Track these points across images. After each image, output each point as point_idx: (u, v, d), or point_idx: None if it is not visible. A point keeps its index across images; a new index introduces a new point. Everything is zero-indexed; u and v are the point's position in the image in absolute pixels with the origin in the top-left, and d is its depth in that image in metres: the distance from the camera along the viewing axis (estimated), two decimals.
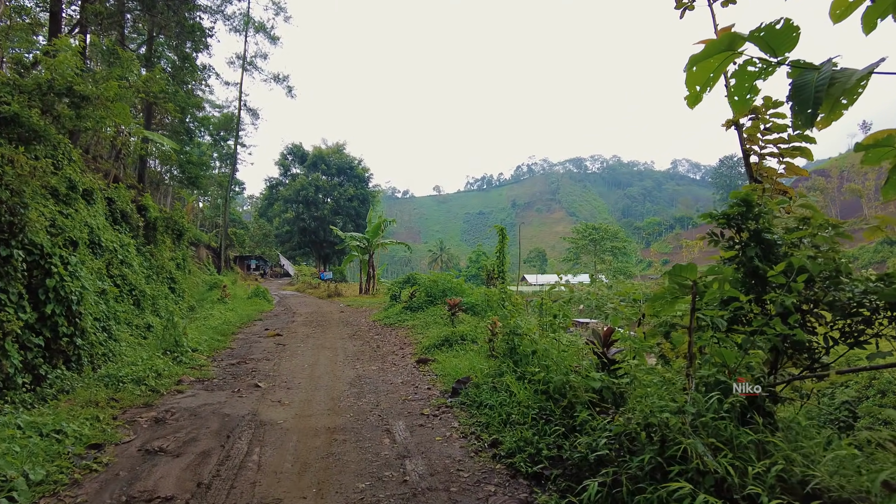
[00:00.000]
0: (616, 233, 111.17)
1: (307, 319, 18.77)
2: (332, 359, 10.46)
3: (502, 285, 11.49)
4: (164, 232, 20.55)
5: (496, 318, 8.63)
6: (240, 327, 16.44)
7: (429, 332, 12.79)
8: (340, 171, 71.23)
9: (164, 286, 18.58)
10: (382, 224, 36.79)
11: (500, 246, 11.62)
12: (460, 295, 16.72)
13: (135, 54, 33.84)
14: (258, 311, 21.64)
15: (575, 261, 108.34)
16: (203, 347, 11.14)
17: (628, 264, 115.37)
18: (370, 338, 13.63)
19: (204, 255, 48.46)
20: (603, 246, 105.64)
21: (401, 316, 16.39)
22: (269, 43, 50.11)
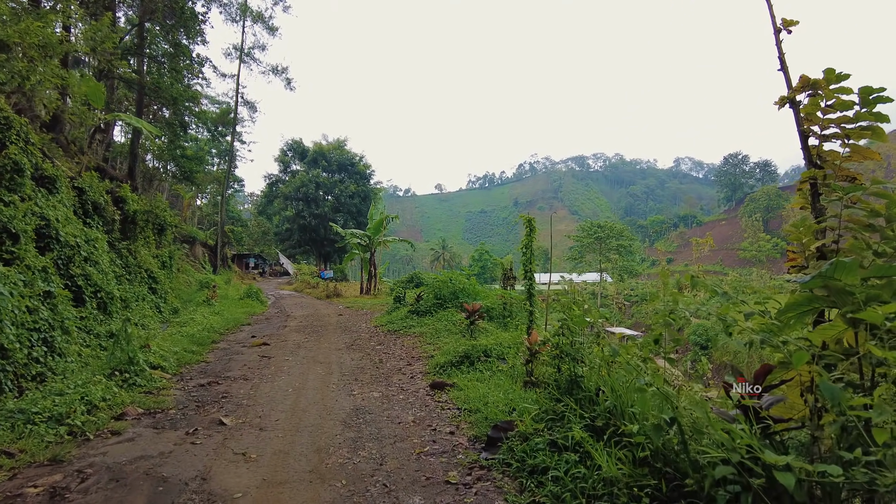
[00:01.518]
0: (621, 231, 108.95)
1: (301, 324, 16.81)
2: (325, 379, 8.48)
3: (529, 286, 9.44)
4: (145, 227, 18.61)
5: (535, 332, 6.66)
6: (223, 334, 14.48)
7: (441, 343, 10.83)
8: (341, 167, 69.39)
9: (143, 287, 16.64)
10: (384, 220, 34.85)
11: (528, 239, 9.64)
12: (474, 297, 14.76)
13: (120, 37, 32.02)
14: (248, 314, 19.69)
15: (579, 259, 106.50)
16: (169, 362, 9.18)
17: (633, 263, 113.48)
18: (371, 348, 11.66)
19: (200, 254, 46.65)
20: (608, 244, 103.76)
21: (406, 321, 14.42)
22: (267, 34, 48.19)
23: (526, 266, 9.88)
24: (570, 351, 5.08)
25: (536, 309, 9.89)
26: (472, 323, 9.75)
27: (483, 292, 15.36)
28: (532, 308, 9.77)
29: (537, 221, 37.72)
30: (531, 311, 9.78)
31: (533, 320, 9.77)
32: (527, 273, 9.95)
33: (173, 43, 31.47)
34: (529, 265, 9.79)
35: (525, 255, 9.85)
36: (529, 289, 9.79)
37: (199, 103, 45.36)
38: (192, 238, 45.53)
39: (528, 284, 9.84)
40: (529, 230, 9.78)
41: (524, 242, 9.84)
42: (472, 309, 9.80)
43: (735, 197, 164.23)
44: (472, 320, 9.88)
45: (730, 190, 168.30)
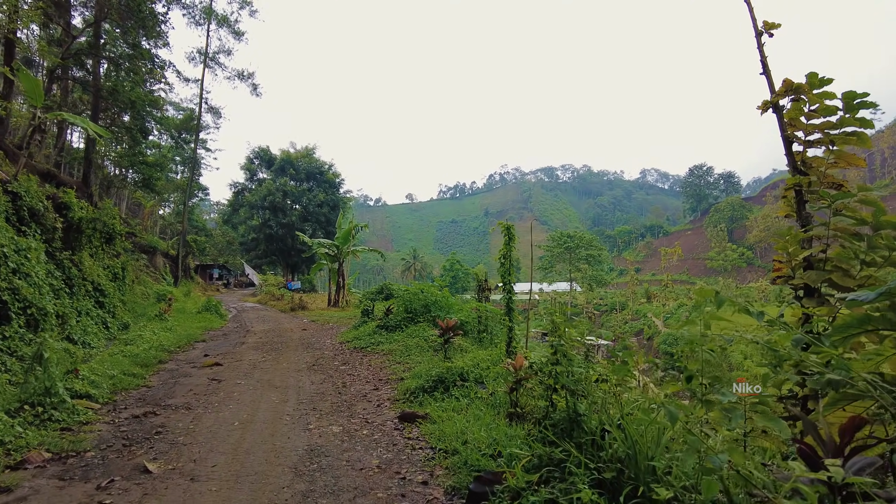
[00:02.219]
0: (591, 241, 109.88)
1: (261, 340, 15.63)
2: (278, 408, 7.44)
3: (508, 299, 8.59)
4: (92, 235, 17.20)
5: (520, 356, 5.78)
6: (173, 352, 13.23)
7: (412, 363, 9.87)
8: (310, 175, 67.97)
9: (87, 301, 15.25)
10: (353, 230, 33.72)
11: (507, 248, 8.79)
12: (447, 310, 13.85)
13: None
14: (205, 329, 18.37)
15: (549, 269, 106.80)
16: (101, 389, 8.01)
17: (602, 272, 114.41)
18: (335, 368, 10.62)
19: (161, 264, 44.66)
20: (578, 254, 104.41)
21: (374, 337, 13.39)
22: (233, 38, 46.80)
23: (504, 277, 9.04)
24: (568, 382, 4.22)
25: (515, 325, 9.04)
26: (446, 342, 8.79)
27: (456, 305, 14.45)
28: (511, 324, 8.92)
29: None
30: (511, 326, 8.93)
31: (513, 337, 8.92)
32: (505, 284, 9.10)
33: (132, 44, 29.95)
34: (508, 276, 8.95)
35: (503, 265, 9.01)
36: (508, 302, 8.94)
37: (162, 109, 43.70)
38: (152, 248, 43.66)
39: (506, 297, 8.99)
40: (509, 238, 8.96)
41: (502, 252, 9.00)
42: (446, 326, 8.84)
43: (700, 207, 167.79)
44: (446, 338, 8.94)
45: (695, 201, 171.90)
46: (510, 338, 8.87)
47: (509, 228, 9.06)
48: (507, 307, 8.94)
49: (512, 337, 8.87)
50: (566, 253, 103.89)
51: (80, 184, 28.72)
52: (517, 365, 5.53)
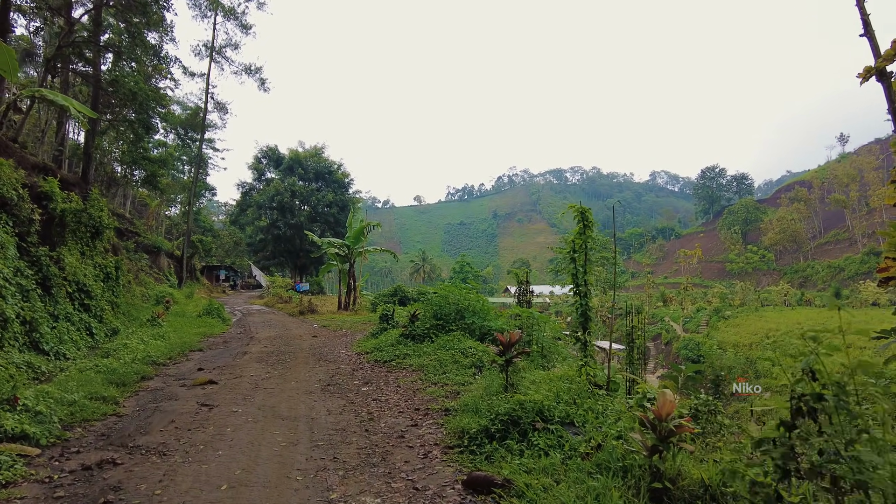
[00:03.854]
0: (605, 243, 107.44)
1: (266, 350, 13.60)
2: (285, 458, 5.38)
3: (584, 308, 6.51)
4: (77, 229, 15.28)
5: (668, 395, 3.67)
6: (163, 365, 11.23)
7: (453, 384, 7.83)
8: (318, 175, 66.24)
9: (67, 303, 13.31)
10: (365, 229, 31.73)
11: (582, 240, 6.73)
12: (484, 317, 11.77)
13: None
14: (203, 336, 16.40)
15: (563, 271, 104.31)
16: (48, 425, 5.96)
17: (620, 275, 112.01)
18: (356, 390, 8.55)
19: (165, 265, 43.03)
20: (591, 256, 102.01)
21: (399, 348, 11.31)
22: (240, 31, 45.10)
23: (577, 277, 6.95)
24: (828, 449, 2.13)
25: (589, 340, 6.94)
26: (508, 362, 6.58)
27: (494, 310, 12.37)
28: (586, 337, 6.84)
29: (517, 233, 34.40)
30: (585, 340, 6.84)
31: (589, 354, 6.83)
32: (578, 288, 7.02)
33: (131, 32, 28.13)
34: (584, 275, 6.87)
35: (576, 261, 6.93)
36: (585, 312, 6.85)
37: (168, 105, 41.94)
38: (156, 248, 42.03)
39: (581, 305, 6.90)
40: (584, 226, 6.88)
41: (576, 243, 6.93)
42: (508, 341, 6.61)
43: (712, 210, 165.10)
44: (508, 358, 6.80)
45: (707, 203, 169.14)
46: (585, 356, 6.79)
47: (584, 213, 6.98)
48: (583, 317, 6.85)
49: (589, 354, 6.79)
50: None
51: (80, 180, 27.00)
52: (664, 411, 3.49)
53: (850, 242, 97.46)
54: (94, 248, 16.06)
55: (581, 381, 6.29)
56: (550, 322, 10.98)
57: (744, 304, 73.86)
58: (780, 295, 75.19)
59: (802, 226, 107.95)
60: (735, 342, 57.71)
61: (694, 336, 62.79)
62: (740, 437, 4.84)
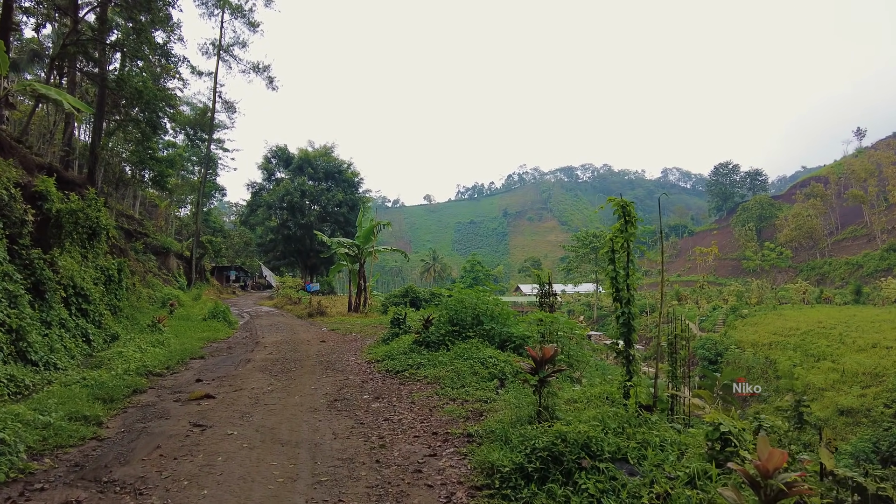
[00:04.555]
0: None
1: (271, 357, 12.81)
2: (282, 498, 4.54)
3: (624, 315, 5.60)
4: (74, 231, 14.58)
5: (767, 442, 2.80)
6: (158, 376, 10.45)
7: (474, 401, 6.96)
8: (328, 175, 65.73)
9: (62, 309, 12.60)
10: (375, 228, 30.94)
11: (623, 238, 5.82)
12: (503, 322, 10.88)
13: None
14: (206, 341, 15.65)
15: (575, 270, 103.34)
16: (10, 457, 5.18)
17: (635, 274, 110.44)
18: (365, 407, 7.70)
19: (174, 266, 42.58)
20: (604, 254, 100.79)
21: (412, 356, 10.44)
22: (248, 30, 44.50)
23: (618, 281, 6.05)
24: None
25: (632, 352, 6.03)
26: (542, 382, 5.57)
27: (513, 314, 11.47)
28: (632, 351, 5.93)
29: (528, 231, 32.83)
30: (630, 354, 5.93)
31: (634, 371, 5.93)
32: (618, 293, 6.11)
33: (137, 30, 27.55)
34: (626, 278, 5.96)
35: (617, 261, 6.03)
36: (628, 320, 5.93)
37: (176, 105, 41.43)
38: (165, 249, 41.58)
39: (623, 314, 5.99)
40: (626, 221, 5.97)
41: (618, 241, 6.02)
42: (541, 358, 5.62)
43: (726, 206, 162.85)
44: (542, 377, 5.55)
45: (720, 200, 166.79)
46: (629, 372, 5.89)
47: (626, 207, 6.06)
48: (626, 327, 5.93)
49: (633, 371, 5.88)
50: (591, 253, 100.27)
51: (86, 180, 26.48)
52: (769, 466, 2.60)
53: (869, 238, 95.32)
54: (92, 250, 15.36)
55: (629, 403, 5.38)
56: (577, 328, 10.07)
57: (761, 302, 72.30)
58: (798, 293, 73.50)
59: (819, 222, 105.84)
60: (753, 341, 56.27)
61: (711, 335, 61.37)
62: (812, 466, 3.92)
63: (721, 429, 3.82)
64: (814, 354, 48.40)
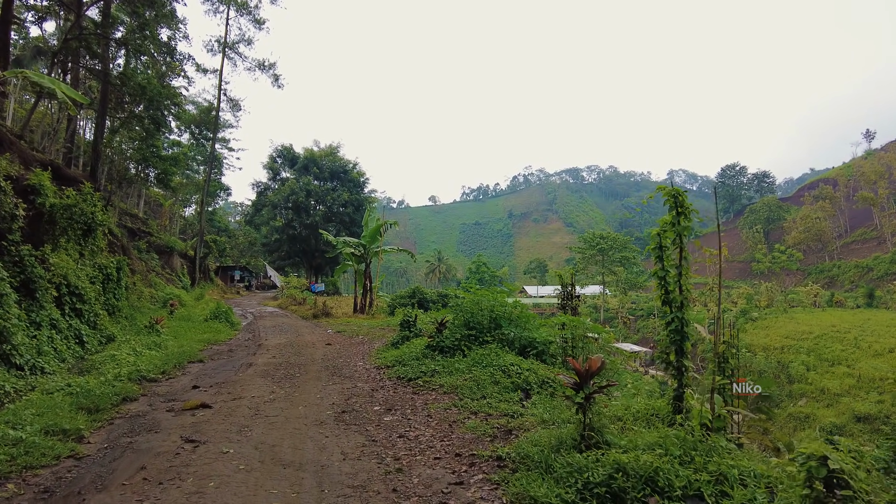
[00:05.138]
0: (625, 243, 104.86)
1: (273, 361, 12.07)
2: None
3: (676, 321, 4.78)
4: (68, 227, 13.89)
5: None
6: (153, 382, 9.72)
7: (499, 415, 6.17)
8: (334, 175, 65.12)
9: (54, 309, 11.89)
10: (381, 227, 30.20)
11: (677, 230, 5.03)
12: (524, 326, 10.09)
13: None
14: (207, 343, 14.92)
15: (583, 271, 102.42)
16: None
17: (634, 275, 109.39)
18: (376, 420, 6.92)
19: (178, 265, 42.00)
20: (611, 256, 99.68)
21: (425, 362, 9.66)
22: (253, 27, 43.95)
23: (668, 281, 5.26)
24: None
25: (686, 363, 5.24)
26: (588, 398, 4.56)
27: (532, 320, 10.68)
28: (684, 362, 5.14)
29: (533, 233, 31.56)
30: (682, 366, 5.14)
31: (685, 385, 5.14)
32: (666, 295, 5.32)
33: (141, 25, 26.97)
34: (678, 278, 5.18)
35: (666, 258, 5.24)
36: (680, 328, 5.15)
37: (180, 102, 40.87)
38: (169, 248, 41.01)
39: (675, 320, 5.20)
40: (678, 213, 5.19)
41: (663, 236, 5.24)
42: (586, 371, 4.77)
43: (733, 209, 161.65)
44: (588, 394, 4.67)
45: (727, 202, 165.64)
46: (681, 387, 5.10)
47: (678, 196, 5.28)
48: (678, 334, 5.15)
49: (685, 385, 5.09)
50: (598, 255, 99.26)
51: (88, 178, 25.92)
52: None
53: (879, 241, 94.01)
54: (88, 248, 14.66)
55: (691, 423, 4.59)
56: (604, 332, 9.28)
57: (770, 305, 71.21)
58: (809, 296, 72.36)
59: (828, 224, 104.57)
60: (764, 345, 55.25)
61: None
62: None
63: (830, 464, 3.05)
64: (828, 359, 47.34)
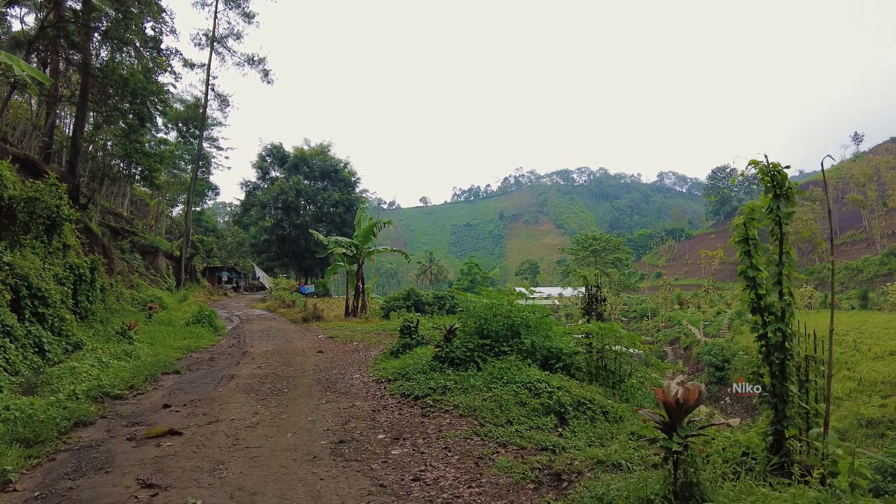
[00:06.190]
0: (618, 244, 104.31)
1: (259, 372, 10.73)
2: None
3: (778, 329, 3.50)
4: (30, 222, 12.47)
5: None
6: (118, 398, 8.36)
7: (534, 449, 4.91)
8: (324, 174, 63.70)
9: (7, 314, 10.49)
10: (375, 227, 28.86)
11: (774, 216, 3.80)
12: (546, 335, 8.83)
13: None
14: (186, 351, 13.54)
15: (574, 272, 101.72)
16: None
17: (626, 277, 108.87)
18: (383, 455, 5.60)
19: (163, 266, 40.46)
20: (604, 258, 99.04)
21: (434, 377, 8.29)
22: (242, 20, 42.55)
23: (761, 280, 4.04)
24: None
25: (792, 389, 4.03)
26: (684, 447, 3.38)
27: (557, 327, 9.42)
28: (790, 387, 3.92)
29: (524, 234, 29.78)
30: (787, 392, 3.92)
31: (788, 414, 3.91)
32: (758, 300, 4.10)
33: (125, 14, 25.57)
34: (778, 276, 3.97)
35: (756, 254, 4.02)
36: (781, 342, 3.93)
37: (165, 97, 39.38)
38: (154, 248, 39.48)
39: (776, 332, 3.99)
40: (776, 195, 3.98)
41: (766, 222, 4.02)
42: (680, 405, 3.42)
43: (723, 210, 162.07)
44: (685, 438, 3.43)
45: (718, 203, 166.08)
46: (782, 419, 3.88)
47: (777, 175, 4.07)
48: (780, 350, 3.94)
49: (787, 417, 3.87)
50: (591, 256, 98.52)
51: (67, 173, 24.48)
52: None
53: (868, 243, 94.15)
54: (51, 244, 13.23)
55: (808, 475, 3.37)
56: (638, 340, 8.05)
57: None
58: (803, 297, 71.98)
59: (818, 226, 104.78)
60: None
61: (717, 341, 59.59)
62: None
63: None
64: None
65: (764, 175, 4.19)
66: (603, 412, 6.30)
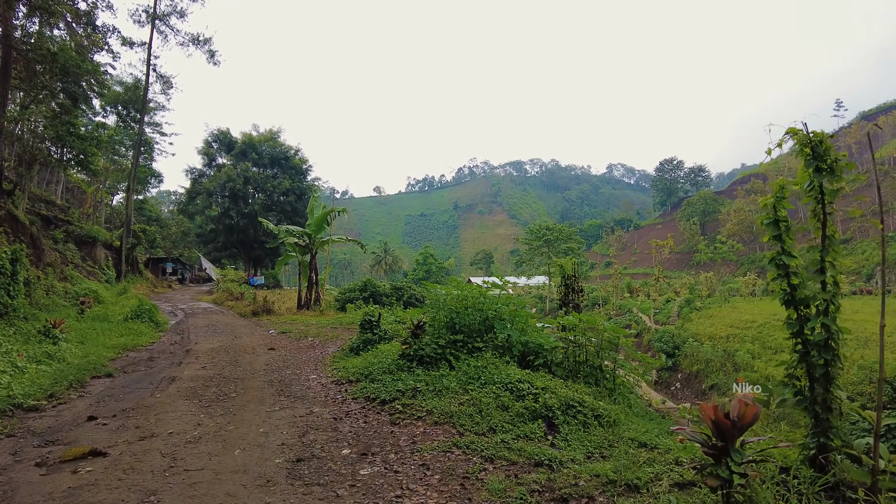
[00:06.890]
0: (570, 234, 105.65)
1: (202, 374, 9.64)
2: None
3: (824, 325, 2.87)
4: None
5: None
6: (32, 409, 7.16)
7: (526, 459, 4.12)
8: (274, 161, 61.42)
9: None
10: (329, 216, 27.67)
11: (814, 192, 3.17)
12: (522, 329, 8.15)
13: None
14: (122, 350, 12.22)
15: (528, 262, 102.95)
16: None
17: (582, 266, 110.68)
18: (351, 478, 4.66)
19: (102, 257, 37.83)
20: (557, 247, 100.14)
21: (402, 377, 7.46)
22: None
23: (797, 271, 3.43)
24: None
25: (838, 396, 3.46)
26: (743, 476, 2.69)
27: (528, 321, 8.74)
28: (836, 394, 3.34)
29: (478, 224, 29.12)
30: (831, 400, 3.34)
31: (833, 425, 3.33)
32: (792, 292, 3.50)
33: None
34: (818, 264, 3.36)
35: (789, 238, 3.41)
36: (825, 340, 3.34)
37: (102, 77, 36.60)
38: (91, 238, 36.87)
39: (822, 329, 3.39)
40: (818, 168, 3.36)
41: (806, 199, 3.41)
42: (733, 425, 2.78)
43: (670, 201, 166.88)
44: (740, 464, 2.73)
45: (665, 195, 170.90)
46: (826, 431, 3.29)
47: (818, 146, 3.45)
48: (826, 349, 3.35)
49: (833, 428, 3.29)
50: (544, 246, 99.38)
51: None
52: None
53: (805, 233, 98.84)
54: None
55: None
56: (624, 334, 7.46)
57: (712, 294, 72.86)
58: (747, 285, 74.57)
59: None
60: (711, 334, 55.94)
61: (667, 328, 60.91)
62: None
63: None
64: (771, 347, 48.18)
65: (803, 146, 3.57)
66: (595, 416, 5.66)
